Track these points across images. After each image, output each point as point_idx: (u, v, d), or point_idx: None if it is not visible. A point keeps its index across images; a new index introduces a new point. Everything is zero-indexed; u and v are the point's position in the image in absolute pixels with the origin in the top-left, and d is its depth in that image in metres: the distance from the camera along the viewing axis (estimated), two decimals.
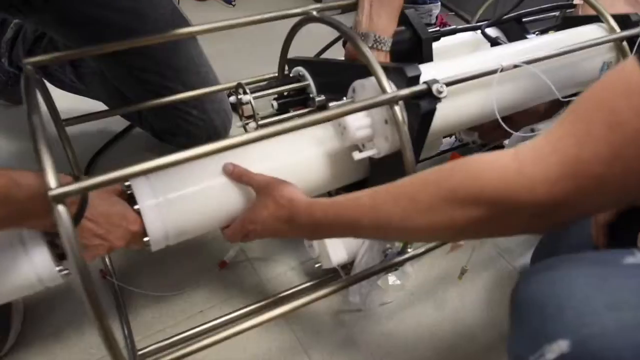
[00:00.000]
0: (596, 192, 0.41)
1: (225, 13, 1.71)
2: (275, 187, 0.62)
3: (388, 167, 0.70)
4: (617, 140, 0.39)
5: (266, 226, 0.62)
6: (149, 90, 0.90)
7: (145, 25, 0.85)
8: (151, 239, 0.63)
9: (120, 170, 0.48)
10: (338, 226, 0.56)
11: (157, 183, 0.63)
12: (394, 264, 0.72)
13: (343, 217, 0.54)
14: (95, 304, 0.48)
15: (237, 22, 0.77)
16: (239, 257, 0.91)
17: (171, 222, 0.63)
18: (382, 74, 0.62)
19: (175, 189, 0.64)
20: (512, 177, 0.43)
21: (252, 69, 0.96)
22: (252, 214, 0.64)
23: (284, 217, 0.60)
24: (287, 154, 0.72)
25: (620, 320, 0.40)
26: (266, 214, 0.61)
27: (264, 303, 0.82)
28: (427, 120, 0.63)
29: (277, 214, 0.60)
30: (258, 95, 0.78)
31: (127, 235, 0.62)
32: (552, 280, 0.45)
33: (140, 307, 0.81)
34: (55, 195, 0.46)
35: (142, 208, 0.62)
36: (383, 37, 0.74)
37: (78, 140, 0.84)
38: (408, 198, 0.49)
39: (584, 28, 0.85)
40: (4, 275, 0.57)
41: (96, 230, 0.59)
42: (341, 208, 0.55)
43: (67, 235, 0.46)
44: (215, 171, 0.66)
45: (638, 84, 0.38)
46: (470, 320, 0.86)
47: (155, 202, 0.62)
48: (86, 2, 0.82)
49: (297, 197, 0.60)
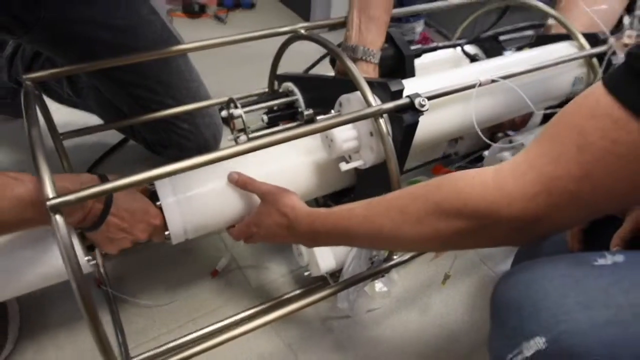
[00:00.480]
0: (570, 207, 0.44)
1: (216, 30, 1.75)
2: (278, 196, 0.66)
3: (374, 177, 0.73)
4: (586, 160, 0.42)
5: (269, 231, 0.67)
6: (141, 104, 0.93)
7: (137, 43, 0.88)
8: (171, 232, 0.70)
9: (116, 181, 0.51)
10: (335, 235, 0.60)
11: (177, 182, 0.70)
12: (380, 271, 0.75)
13: (339, 226, 0.58)
14: (91, 311, 0.50)
15: (228, 40, 0.80)
16: (230, 265, 0.93)
17: (189, 217, 0.70)
18: (367, 88, 0.66)
19: (192, 188, 0.71)
20: (492, 192, 0.46)
21: (242, 85, 0.99)
22: (257, 218, 0.69)
23: (285, 224, 0.64)
24: (278, 162, 0.76)
25: (592, 318, 0.42)
26: (269, 221, 0.66)
27: (255, 310, 0.84)
28: (410, 132, 0.66)
29: (279, 221, 0.65)
30: (249, 109, 0.81)
31: (149, 228, 0.69)
32: (528, 282, 0.47)
33: (133, 315, 0.83)
34: (53, 204, 0.48)
35: (163, 204, 0.69)
36: (372, 50, 0.78)
37: (73, 153, 0.86)
38: (398, 210, 0.53)
39: (556, 45, 0.90)
40: (37, 263, 0.63)
41: (121, 225, 0.66)
42: (338, 218, 0.59)
43: (64, 244, 0.48)
44: (225, 175, 0.72)
45: (604, 107, 0.41)
46: (454, 325, 0.89)
47: (176, 199, 0.69)
48: (79, 22, 0.84)
49: (298, 206, 0.64)
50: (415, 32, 1.68)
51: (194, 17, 1.84)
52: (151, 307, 0.85)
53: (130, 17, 0.88)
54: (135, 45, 0.87)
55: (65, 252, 0.48)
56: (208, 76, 1.03)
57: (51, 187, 0.49)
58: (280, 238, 0.67)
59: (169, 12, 1.76)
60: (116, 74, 0.90)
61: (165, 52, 0.80)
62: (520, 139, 0.90)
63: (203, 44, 0.79)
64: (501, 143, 0.92)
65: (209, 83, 1.02)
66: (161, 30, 0.91)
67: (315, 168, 0.77)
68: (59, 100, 1.11)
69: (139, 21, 0.89)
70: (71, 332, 0.80)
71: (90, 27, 0.85)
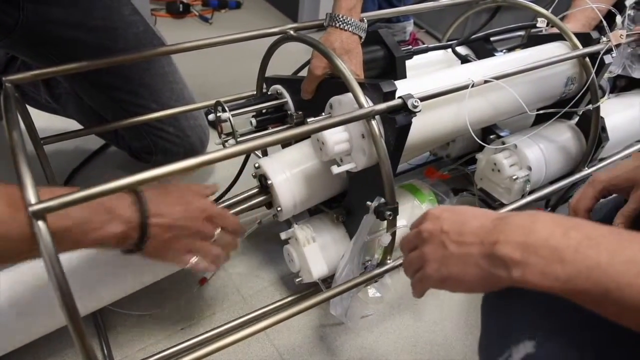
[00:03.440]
0: None
1: (201, 31, 1.72)
2: None
3: (366, 180, 0.71)
4: None
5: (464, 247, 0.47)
6: (123, 108, 0.91)
7: (117, 44, 0.86)
8: (283, 208, 0.75)
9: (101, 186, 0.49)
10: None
11: (279, 160, 0.77)
12: (373, 277, 0.73)
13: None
14: (75, 322, 0.47)
15: (215, 41, 0.78)
16: (219, 273, 0.91)
17: (297, 192, 0.76)
18: (358, 89, 0.64)
19: (294, 165, 0.77)
20: None
21: (230, 87, 0.97)
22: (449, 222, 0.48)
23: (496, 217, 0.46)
24: None
25: (580, 318, 0.42)
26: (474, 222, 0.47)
27: (245, 318, 0.81)
28: (403, 133, 0.65)
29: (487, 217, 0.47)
30: (237, 112, 0.79)
31: (212, 219, 0.62)
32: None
33: (119, 325, 0.80)
34: (35, 210, 0.46)
35: (275, 182, 0.74)
36: (348, 18, 0.74)
37: (54, 158, 0.83)
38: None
39: (548, 45, 0.89)
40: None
41: (172, 228, 0.57)
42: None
43: (47, 253, 0.46)
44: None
45: None
46: (449, 331, 0.88)
47: (285, 176, 0.75)
48: (57, 24, 0.82)
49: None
50: (406, 31, 1.67)
51: (178, 17, 1.82)
52: (138, 316, 0.82)
53: (111, 18, 0.85)
54: (115, 46, 0.85)
55: (49, 261, 0.46)
56: (194, 78, 1.01)
57: (33, 193, 0.47)
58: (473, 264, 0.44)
59: (152, 12, 1.73)
60: (97, 77, 0.88)
61: (148, 53, 0.78)
62: (512, 140, 0.89)
63: (189, 45, 0.77)
64: (494, 145, 0.91)
65: (195, 85, 1.00)
66: (144, 31, 0.89)
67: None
68: (36, 106, 1.08)
69: (120, 22, 0.87)
70: (55, 344, 0.76)
71: (69, 29, 0.83)
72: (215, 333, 0.79)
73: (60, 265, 0.47)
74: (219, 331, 0.79)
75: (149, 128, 0.94)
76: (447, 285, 0.48)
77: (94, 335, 0.78)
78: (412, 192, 0.89)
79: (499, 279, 0.42)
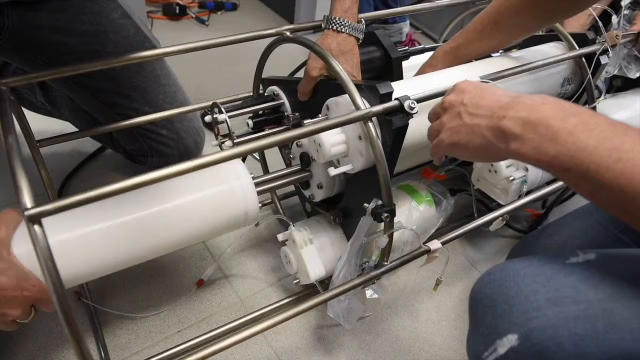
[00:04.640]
0: None
1: (198, 33, 1.72)
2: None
3: (363, 182, 0.71)
4: None
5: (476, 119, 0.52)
6: (117, 112, 0.90)
7: (106, 48, 0.85)
8: None
9: (97, 189, 0.48)
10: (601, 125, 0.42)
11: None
12: (371, 278, 0.73)
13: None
14: (72, 326, 0.47)
15: (212, 43, 0.78)
16: (216, 275, 0.90)
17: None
18: (355, 91, 0.64)
19: None
20: None
21: (226, 89, 0.97)
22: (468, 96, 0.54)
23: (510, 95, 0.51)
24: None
25: (561, 314, 0.44)
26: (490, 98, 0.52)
27: (242, 320, 0.81)
28: (400, 135, 0.65)
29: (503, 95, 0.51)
30: (233, 114, 0.79)
31: (24, 302, 0.55)
32: (501, 281, 0.49)
33: (116, 328, 0.80)
34: (31, 214, 0.45)
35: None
36: (344, 20, 0.74)
37: (50, 161, 0.83)
38: None
39: (544, 46, 0.89)
40: (222, 207, 0.64)
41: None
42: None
43: (43, 257, 0.46)
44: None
45: None
46: (446, 331, 0.88)
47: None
48: (44, 29, 0.81)
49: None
50: (402, 32, 1.67)
51: (175, 19, 1.81)
52: (135, 319, 0.82)
53: (100, 22, 0.85)
54: (105, 50, 0.85)
55: (45, 265, 0.46)
56: (190, 80, 1.01)
57: (29, 197, 0.46)
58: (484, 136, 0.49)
59: (148, 14, 1.73)
60: (87, 82, 0.87)
61: (140, 56, 0.77)
62: None
63: (186, 47, 0.77)
64: None
65: (192, 87, 1.00)
66: (134, 34, 0.89)
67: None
68: (32, 109, 1.07)
69: (109, 26, 0.86)
70: (51, 348, 0.76)
71: (55, 34, 0.82)
72: (213, 335, 0.78)
73: (57, 269, 0.46)
74: (216, 333, 0.79)
75: (143, 131, 0.94)
76: (455, 151, 0.54)
77: (91, 338, 0.77)
78: (409, 193, 0.89)
79: (498, 150, 0.48)
